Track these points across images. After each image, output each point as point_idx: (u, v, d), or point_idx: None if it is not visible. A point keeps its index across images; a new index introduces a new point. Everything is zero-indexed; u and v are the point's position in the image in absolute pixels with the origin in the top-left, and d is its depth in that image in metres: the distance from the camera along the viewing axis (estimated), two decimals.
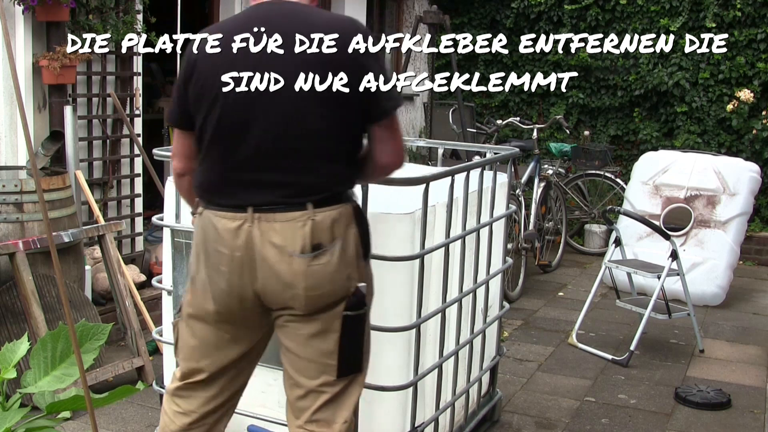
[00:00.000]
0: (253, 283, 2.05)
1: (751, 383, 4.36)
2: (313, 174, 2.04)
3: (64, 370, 1.46)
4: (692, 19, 7.81)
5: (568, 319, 5.32)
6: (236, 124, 2.04)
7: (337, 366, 2.10)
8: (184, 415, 2.23)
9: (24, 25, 4.52)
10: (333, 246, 2.04)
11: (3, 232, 3.80)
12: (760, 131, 7.44)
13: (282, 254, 2.01)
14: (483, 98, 8.93)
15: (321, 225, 2.02)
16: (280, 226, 2.01)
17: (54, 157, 4.59)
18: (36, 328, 3.60)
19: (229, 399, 2.27)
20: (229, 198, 2.06)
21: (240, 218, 2.02)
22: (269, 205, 2.01)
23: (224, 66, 2.03)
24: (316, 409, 2.13)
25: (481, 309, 3.33)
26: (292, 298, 2.05)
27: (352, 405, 2.18)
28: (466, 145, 4.80)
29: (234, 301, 2.10)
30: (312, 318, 2.08)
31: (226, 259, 2.05)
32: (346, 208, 2.09)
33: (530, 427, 3.71)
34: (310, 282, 2.03)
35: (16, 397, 1.47)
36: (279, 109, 2.01)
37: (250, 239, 2.02)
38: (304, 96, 2.00)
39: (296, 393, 2.16)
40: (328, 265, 2.04)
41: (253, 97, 2.01)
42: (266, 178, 2.04)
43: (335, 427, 2.14)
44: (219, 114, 2.04)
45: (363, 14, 7.90)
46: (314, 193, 2.03)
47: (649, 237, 5.87)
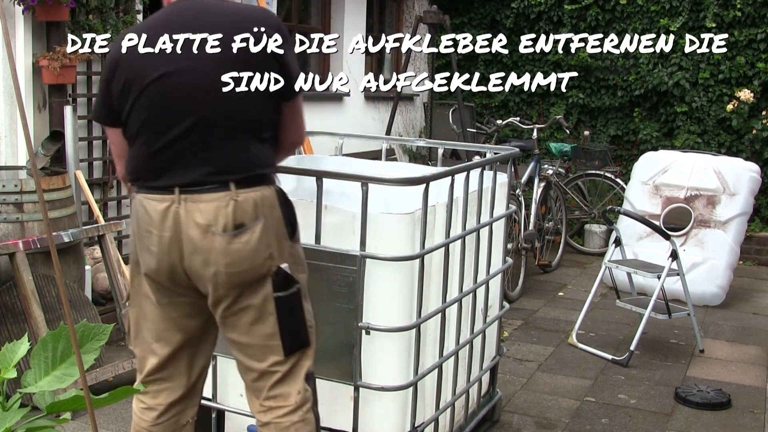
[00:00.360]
0: (181, 261, 2.16)
1: (751, 383, 4.36)
2: (235, 155, 2.15)
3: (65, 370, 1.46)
4: (692, 19, 7.81)
5: (568, 319, 5.32)
6: (159, 113, 2.15)
7: (281, 345, 2.23)
8: (151, 410, 2.36)
9: (24, 25, 4.52)
10: (255, 225, 2.14)
11: (3, 232, 3.80)
12: (760, 131, 7.44)
13: (205, 233, 2.11)
14: (483, 98, 8.93)
15: (244, 205, 2.13)
16: (204, 206, 2.11)
17: (54, 157, 4.59)
18: (36, 328, 3.59)
19: (191, 389, 2.39)
20: (157, 180, 2.16)
21: (168, 200, 2.13)
22: (194, 186, 2.12)
23: (145, 61, 2.14)
24: (271, 387, 2.28)
25: (481, 309, 3.33)
26: (214, 276, 2.14)
27: (302, 377, 2.31)
28: (466, 145, 4.80)
29: (165, 280, 2.22)
30: (245, 308, 2.20)
31: (155, 239, 2.16)
32: (269, 189, 2.20)
33: (530, 427, 3.71)
34: (230, 259, 2.12)
35: (16, 397, 1.47)
36: (199, 96, 2.12)
37: (177, 219, 2.13)
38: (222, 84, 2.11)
39: (251, 376, 2.30)
40: (248, 244, 2.13)
41: (172, 88, 2.12)
42: (190, 159, 2.14)
43: (291, 399, 2.29)
44: (142, 105, 2.15)
45: (363, 14, 7.90)
46: (236, 172, 2.14)
47: (649, 237, 5.88)
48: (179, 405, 2.38)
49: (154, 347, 2.33)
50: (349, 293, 2.60)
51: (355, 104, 7.83)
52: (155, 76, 2.13)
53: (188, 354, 2.35)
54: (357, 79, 7.83)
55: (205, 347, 2.39)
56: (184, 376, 2.37)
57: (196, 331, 2.33)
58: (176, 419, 2.39)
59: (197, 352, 2.38)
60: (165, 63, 2.12)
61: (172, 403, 2.37)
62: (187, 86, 2.12)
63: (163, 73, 2.12)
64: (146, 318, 2.32)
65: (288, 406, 2.28)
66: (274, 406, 2.29)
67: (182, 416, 2.40)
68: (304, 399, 2.31)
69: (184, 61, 2.11)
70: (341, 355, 2.65)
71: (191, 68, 2.11)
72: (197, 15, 2.16)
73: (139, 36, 2.16)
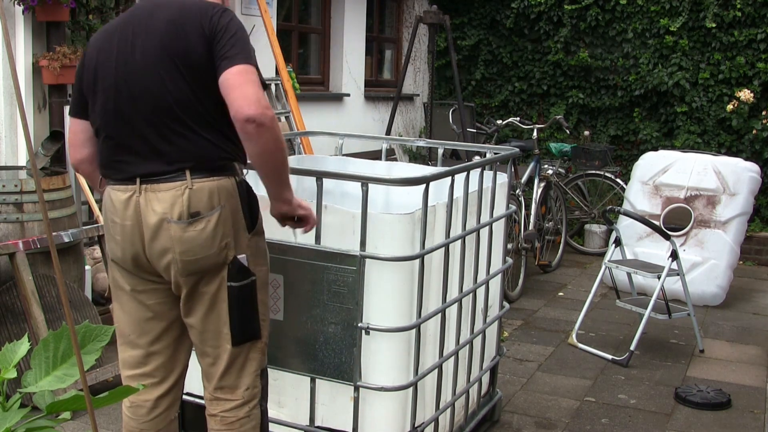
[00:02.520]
0: (143, 249, 2.23)
1: (751, 383, 4.36)
2: (190, 145, 2.19)
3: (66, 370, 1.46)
4: (692, 19, 7.81)
5: (568, 319, 5.32)
6: (114, 107, 2.23)
7: (230, 334, 2.27)
8: (139, 407, 2.41)
9: (24, 25, 4.52)
10: (210, 214, 2.19)
11: (3, 232, 3.80)
12: (760, 131, 7.44)
13: (162, 221, 2.18)
14: (483, 98, 8.93)
15: (198, 194, 2.18)
16: (162, 194, 2.18)
17: (54, 157, 4.59)
18: (36, 328, 3.60)
19: (175, 383, 2.43)
20: (120, 172, 2.24)
21: (130, 189, 2.21)
22: (153, 176, 2.19)
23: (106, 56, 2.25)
24: (221, 375, 2.33)
25: (481, 309, 3.33)
26: (171, 262, 2.20)
27: (253, 372, 2.36)
28: (466, 145, 4.79)
29: (132, 268, 2.28)
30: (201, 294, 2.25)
31: (119, 228, 2.25)
32: (227, 180, 2.22)
33: (530, 427, 3.71)
34: (185, 247, 2.18)
35: (16, 397, 1.47)
36: (152, 89, 2.19)
37: (137, 208, 2.20)
38: (172, 76, 2.17)
39: (205, 361, 2.36)
40: (203, 232, 2.18)
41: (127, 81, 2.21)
42: (148, 150, 2.20)
43: (238, 392, 2.34)
44: (103, 99, 2.25)
45: (363, 14, 7.90)
46: (192, 162, 2.18)
47: (649, 237, 5.88)
48: (165, 400, 2.42)
49: (134, 339, 2.37)
50: (349, 293, 2.60)
51: (355, 104, 7.83)
52: (112, 72, 2.23)
53: (170, 346, 2.39)
54: (357, 79, 7.83)
55: (185, 340, 2.41)
56: (167, 369, 2.40)
57: (173, 320, 2.36)
58: (165, 415, 2.42)
59: (179, 344, 2.40)
60: (120, 59, 2.22)
61: (158, 398, 2.40)
62: (138, 81, 2.19)
63: (117, 69, 2.22)
64: (124, 310, 2.37)
65: (235, 400, 2.34)
66: (221, 398, 2.35)
67: (170, 412, 2.44)
68: (252, 395, 2.36)
69: (137, 56, 2.20)
70: (341, 355, 2.65)
71: (142, 63, 2.19)
72: (152, 11, 2.25)
73: (106, 32, 2.30)
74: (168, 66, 2.17)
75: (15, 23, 4.51)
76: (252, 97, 2.10)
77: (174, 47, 2.17)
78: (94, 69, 2.27)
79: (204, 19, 2.18)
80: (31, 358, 1.47)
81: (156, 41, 2.18)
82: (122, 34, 2.25)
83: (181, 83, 2.17)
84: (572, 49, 8.38)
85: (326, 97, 7.46)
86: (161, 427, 2.42)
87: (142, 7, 2.29)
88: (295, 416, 2.86)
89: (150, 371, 2.38)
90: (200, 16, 2.19)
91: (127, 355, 2.40)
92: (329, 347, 2.66)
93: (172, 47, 2.17)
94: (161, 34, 2.18)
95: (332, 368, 2.68)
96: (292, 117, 6.22)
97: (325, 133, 4.41)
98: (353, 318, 2.61)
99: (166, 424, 2.43)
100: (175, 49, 2.17)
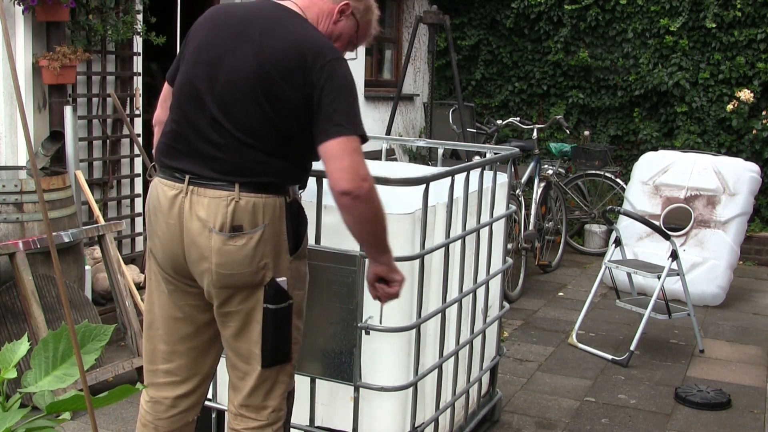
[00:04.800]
0: (183, 251, 2.19)
1: (751, 383, 4.36)
2: (246, 159, 2.14)
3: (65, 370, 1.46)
4: (692, 19, 7.81)
5: (568, 319, 5.32)
6: (193, 92, 2.19)
7: (261, 356, 2.23)
8: (157, 403, 2.37)
9: (24, 25, 4.52)
10: (254, 231, 2.14)
11: (3, 232, 3.80)
12: (760, 131, 7.44)
13: (204, 228, 2.13)
14: (483, 98, 8.93)
15: (244, 208, 2.13)
16: (207, 201, 2.13)
17: (54, 157, 4.59)
18: (36, 328, 3.59)
19: (197, 387, 2.39)
20: (172, 159, 2.20)
21: (177, 188, 2.16)
22: (203, 179, 2.14)
23: (204, 38, 2.22)
24: (250, 392, 2.28)
25: (481, 309, 3.33)
26: (206, 271, 2.17)
27: (280, 394, 2.31)
28: (466, 145, 4.80)
29: (169, 265, 2.25)
30: (235, 311, 2.21)
31: (162, 225, 2.21)
32: (276, 199, 2.17)
33: (530, 427, 3.71)
34: (222, 259, 2.14)
35: (16, 397, 1.47)
36: (230, 92, 2.14)
37: (181, 210, 2.16)
38: (252, 87, 2.13)
39: (235, 374, 2.32)
40: (243, 249, 2.13)
41: (211, 82, 2.16)
42: (206, 151, 2.16)
43: (263, 413, 2.30)
44: (183, 79, 2.22)
45: None
46: (243, 175, 2.14)
47: (649, 237, 5.88)
48: (185, 401, 2.37)
49: (161, 334, 2.33)
50: (349, 293, 2.60)
51: None
52: (203, 62, 2.19)
53: (195, 349, 2.35)
54: (357, 79, 7.83)
55: (213, 345, 2.37)
56: (190, 370, 2.36)
57: (203, 324, 2.32)
58: (182, 416, 2.38)
59: (205, 348, 2.36)
60: (218, 55, 2.17)
61: (177, 397, 2.36)
62: (222, 87, 2.15)
63: (209, 64, 2.17)
64: (155, 304, 2.33)
65: (260, 420, 2.30)
66: (246, 415, 2.31)
67: (188, 414, 2.40)
68: (277, 418, 2.32)
69: (234, 63, 2.14)
70: (341, 355, 2.65)
71: (234, 73, 2.13)
72: (271, 23, 2.17)
73: (215, 19, 2.25)
74: (256, 91, 2.12)
75: (15, 23, 4.51)
76: (349, 170, 2.09)
77: (271, 79, 2.11)
78: (189, 47, 2.24)
79: (314, 64, 2.10)
80: (31, 358, 1.47)
81: (257, 63, 2.12)
82: (232, 31, 2.18)
83: (261, 113, 2.12)
84: (572, 49, 8.38)
85: None
86: (176, 426, 2.38)
87: (261, 12, 2.22)
88: (295, 416, 2.84)
89: (172, 369, 2.35)
90: (311, 57, 2.11)
91: (150, 348, 2.37)
92: (329, 347, 2.66)
93: (269, 78, 2.11)
94: (265, 58, 2.12)
95: (332, 368, 2.67)
96: None
97: None
98: (353, 318, 2.61)
99: (182, 425, 2.39)
100: (271, 80, 2.11)
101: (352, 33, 2.36)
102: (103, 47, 5.02)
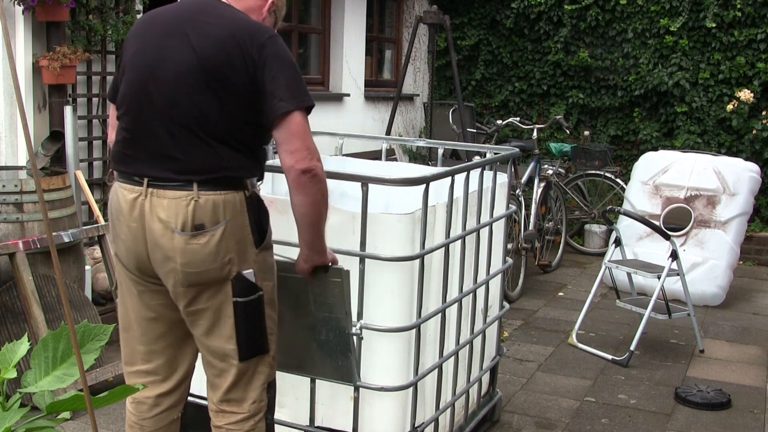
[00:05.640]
0: (147, 252, 2.20)
1: (751, 383, 4.36)
2: (202, 156, 2.15)
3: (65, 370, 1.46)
4: (692, 19, 7.81)
5: (568, 319, 5.32)
6: (139, 101, 2.21)
7: (237, 350, 2.24)
8: (140, 403, 2.39)
9: (24, 25, 4.52)
10: (215, 228, 2.15)
11: (3, 232, 3.80)
12: (760, 131, 7.44)
13: (165, 229, 2.15)
14: (483, 98, 8.93)
15: (204, 207, 2.14)
16: (167, 202, 2.15)
17: (54, 157, 4.59)
18: (36, 328, 3.60)
19: (179, 384, 2.41)
20: (128, 166, 2.22)
21: (137, 191, 2.18)
22: (161, 181, 2.16)
23: (140, 47, 2.24)
24: (228, 388, 2.30)
25: (481, 309, 3.33)
26: (172, 271, 2.18)
27: (260, 386, 2.33)
28: (466, 145, 4.80)
29: (134, 269, 2.27)
30: (204, 309, 2.22)
31: (124, 228, 2.23)
32: (235, 195, 2.18)
33: (530, 427, 3.71)
34: (187, 259, 2.15)
35: (16, 397, 1.47)
36: (177, 98, 2.16)
37: (142, 212, 2.17)
38: (197, 78, 2.14)
39: (211, 372, 2.34)
40: (206, 246, 2.15)
41: (156, 82, 2.18)
42: (160, 153, 2.17)
43: (244, 406, 2.32)
44: (128, 90, 2.24)
45: (363, 14, 7.90)
46: (199, 173, 2.15)
47: (649, 237, 5.88)
48: (168, 399, 2.39)
49: (136, 335, 2.35)
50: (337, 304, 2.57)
51: (355, 104, 7.83)
52: (142, 67, 2.21)
53: (172, 346, 2.36)
54: (357, 79, 7.83)
55: (190, 341, 2.38)
56: (170, 368, 2.38)
57: (176, 321, 2.32)
58: (166, 414, 2.40)
59: (182, 345, 2.37)
60: (154, 56, 2.19)
61: (159, 396, 2.38)
62: (166, 86, 2.17)
63: (148, 66, 2.19)
64: (127, 306, 2.35)
65: (241, 413, 2.31)
66: (227, 410, 2.32)
67: (173, 411, 2.42)
68: (258, 408, 2.33)
69: (172, 60, 2.17)
70: (340, 355, 2.65)
71: (174, 70, 2.16)
72: (199, 17, 2.20)
73: (149, 20, 2.28)
74: (200, 80, 2.14)
75: (15, 23, 4.51)
76: (312, 150, 2.15)
77: (212, 64, 2.13)
78: (127, 57, 2.26)
79: (252, 45, 2.14)
80: (31, 358, 1.47)
81: (196, 52, 2.14)
82: (165, 29, 2.22)
83: (208, 99, 2.14)
84: (572, 49, 8.37)
85: (326, 97, 7.46)
86: (162, 425, 2.40)
87: (191, 7, 2.25)
88: (295, 416, 2.86)
89: (152, 369, 2.37)
90: (248, 39, 2.14)
91: (128, 351, 2.39)
92: (328, 347, 2.65)
93: (210, 64, 2.13)
94: (203, 46, 2.14)
95: (332, 368, 2.67)
96: None
97: (325, 133, 4.39)
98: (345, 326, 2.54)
99: (167, 423, 2.41)
100: (212, 66, 2.13)
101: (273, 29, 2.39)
102: (103, 47, 5.02)
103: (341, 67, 7.64)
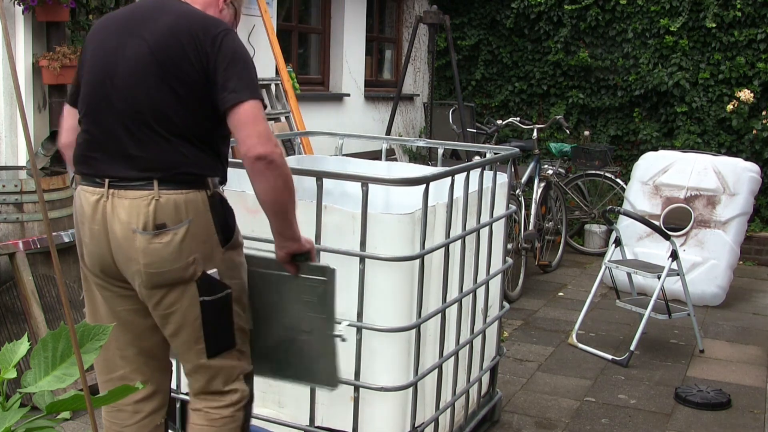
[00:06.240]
0: (111, 254, 2.19)
1: (751, 383, 4.36)
2: (162, 155, 2.15)
3: (65, 370, 1.46)
4: (692, 19, 7.81)
5: (568, 319, 5.32)
6: (97, 102, 2.21)
7: (205, 348, 2.24)
8: (119, 411, 2.36)
9: (24, 25, 4.52)
10: (178, 227, 2.13)
11: (3, 232, 3.80)
12: (760, 131, 7.44)
13: (127, 230, 2.14)
14: (483, 98, 8.93)
15: (165, 206, 2.12)
16: (128, 203, 2.13)
17: (54, 157, 4.59)
18: (36, 328, 3.60)
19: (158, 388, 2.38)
20: (89, 167, 2.21)
21: (98, 192, 2.17)
22: (122, 181, 2.15)
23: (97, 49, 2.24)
24: (205, 383, 2.30)
25: (481, 309, 3.33)
26: (137, 273, 2.16)
27: (236, 377, 2.32)
28: (466, 145, 4.80)
29: (99, 272, 2.25)
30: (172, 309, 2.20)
31: (87, 231, 2.21)
32: (197, 194, 2.16)
33: (530, 427, 3.71)
34: (149, 259, 2.13)
35: (16, 397, 1.47)
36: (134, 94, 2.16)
37: (104, 214, 2.16)
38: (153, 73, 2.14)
39: (186, 368, 2.33)
40: (169, 245, 2.13)
41: (113, 80, 2.18)
42: (119, 152, 2.16)
43: (226, 398, 2.31)
44: (87, 91, 2.23)
45: (363, 14, 7.90)
46: (160, 170, 2.14)
47: (649, 237, 5.88)
48: (148, 404, 2.36)
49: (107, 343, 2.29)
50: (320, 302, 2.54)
51: (355, 104, 7.83)
52: (99, 67, 2.21)
53: (144, 352, 2.33)
54: (357, 79, 7.83)
55: (163, 346, 2.35)
56: (145, 373, 2.34)
57: (147, 328, 2.30)
58: (149, 419, 2.37)
59: (155, 350, 2.35)
60: (111, 56, 2.20)
61: (139, 402, 2.35)
62: (123, 83, 2.16)
63: (105, 66, 2.20)
64: (97, 314, 2.32)
65: (222, 401, 2.31)
66: (206, 398, 2.32)
67: (155, 417, 2.38)
68: (239, 398, 2.33)
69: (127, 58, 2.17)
70: (322, 358, 2.61)
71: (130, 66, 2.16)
72: (153, 14, 2.21)
73: (104, 23, 2.29)
74: (156, 74, 2.13)
75: (15, 23, 4.51)
76: (264, 135, 2.10)
77: (166, 58, 2.13)
78: (85, 60, 2.27)
79: (205, 38, 2.14)
80: (31, 358, 1.47)
81: (150, 47, 2.14)
82: (119, 29, 2.22)
83: (165, 94, 2.13)
84: (572, 49, 8.38)
85: (326, 97, 7.46)
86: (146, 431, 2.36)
87: (145, 6, 2.26)
88: (296, 416, 2.86)
89: (127, 374, 2.33)
90: (202, 32, 2.14)
91: (102, 359, 2.34)
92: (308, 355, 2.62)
93: (165, 58, 2.13)
94: (156, 41, 2.14)
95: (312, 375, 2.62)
96: (292, 117, 6.21)
97: (325, 133, 4.41)
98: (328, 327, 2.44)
99: (150, 429, 2.36)
100: (167, 60, 2.13)
101: (232, 21, 2.39)
102: None
103: (341, 67, 7.64)
